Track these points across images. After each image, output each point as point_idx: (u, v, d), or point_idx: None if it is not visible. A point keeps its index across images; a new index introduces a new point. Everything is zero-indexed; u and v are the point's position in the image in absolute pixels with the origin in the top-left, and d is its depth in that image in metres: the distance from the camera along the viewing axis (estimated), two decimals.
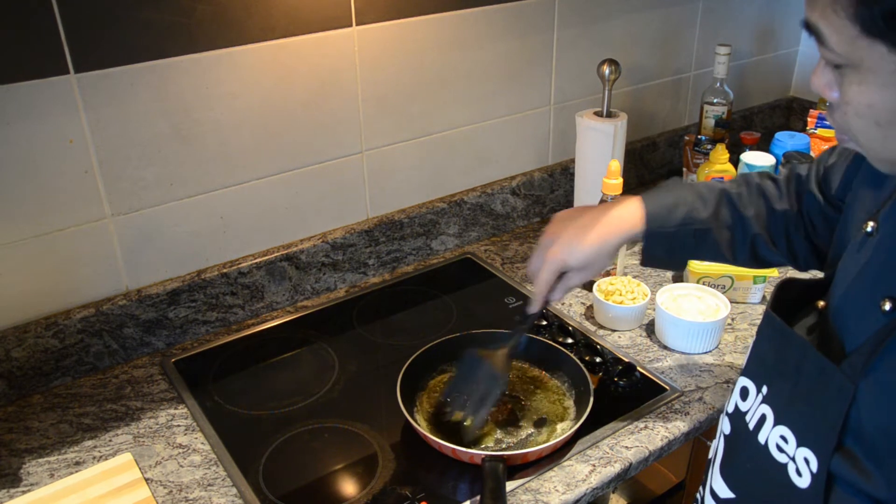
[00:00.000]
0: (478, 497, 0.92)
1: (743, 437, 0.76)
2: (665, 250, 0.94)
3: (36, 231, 1.08)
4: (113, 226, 1.14)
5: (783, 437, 0.70)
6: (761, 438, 0.72)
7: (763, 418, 0.73)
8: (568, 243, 0.93)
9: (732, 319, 1.27)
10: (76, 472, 0.99)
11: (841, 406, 0.64)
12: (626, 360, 1.17)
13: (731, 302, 1.25)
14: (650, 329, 1.26)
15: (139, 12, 1.04)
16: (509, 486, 0.95)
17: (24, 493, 0.96)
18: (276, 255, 1.30)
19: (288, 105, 1.22)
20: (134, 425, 1.08)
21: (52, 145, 1.05)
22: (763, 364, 0.76)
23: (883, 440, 0.63)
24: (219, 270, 1.25)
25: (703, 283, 1.29)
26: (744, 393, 0.77)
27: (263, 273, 1.29)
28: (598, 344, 1.21)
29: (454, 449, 0.96)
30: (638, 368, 1.15)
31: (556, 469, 0.98)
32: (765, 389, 0.74)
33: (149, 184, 1.15)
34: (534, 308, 0.99)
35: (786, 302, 0.76)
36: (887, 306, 0.64)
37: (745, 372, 0.78)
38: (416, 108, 1.37)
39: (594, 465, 0.99)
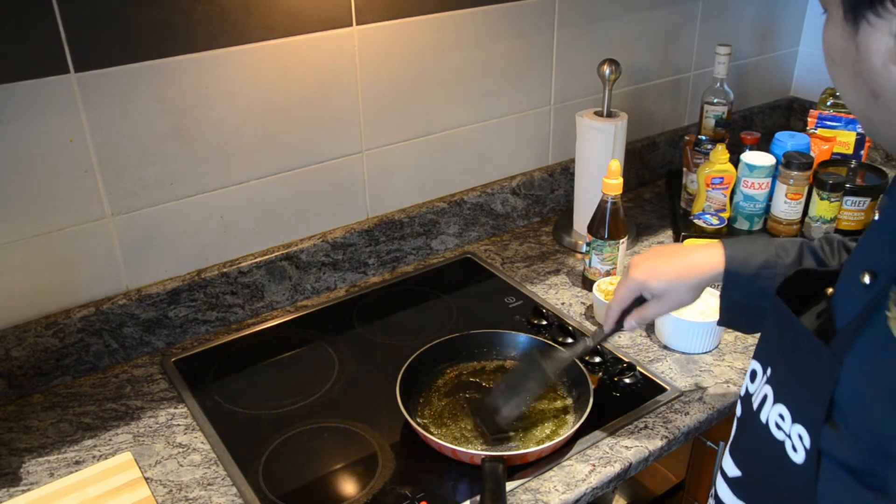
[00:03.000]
0: (478, 497, 0.92)
1: (749, 418, 0.78)
2: (743, 295, 0.94)
3: (36, 231, 1.08)
4: (113, 225, 1.14)
5: (780, 416, 0.72)
6: (763, 417, 0.75)
7: (765, 398, 0.75)
8: (651, 267, 0.97)
9: None
10: (76, 471, 0.99)
11: (829, 384, 0.66)
12: (626, 360, 1.17)
13: None
14: (650, 329, 1.26)
15: (139, 12, 1.04)
16: (509, 486, 0.95)
17: (23, 492, 0.96)
18: (276, 254, 1.30)
19: (288, 105, 1.22)
20: (134, 424, 1.08)
21: (52, 145, 1.05)
22: (768, 346, 0.78)
23: (860, 415, 0.64)
24: (219, 270, 1.25)
25: None
26: (752, 375, 0.79)
27: (263, 273, 1.29)
28: (598, 344, 1.21)
29: (454, 449, 0.96)
30: (638, 368, 1.15)
31: (555, 469, 0.98)
32: (769, 371, 0.76)
33: (149, 183, 1.15)
34: (606, 327, 1.02)
35: (801, 290, 0.78)
36: (866, 279, 0.66)
37: (754, 355, 0.81)
38: (416, 108, 1.37)
39: (594, 465, 0.99)
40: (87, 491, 0.95)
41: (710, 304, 1.23)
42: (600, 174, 1.31)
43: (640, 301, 1.00)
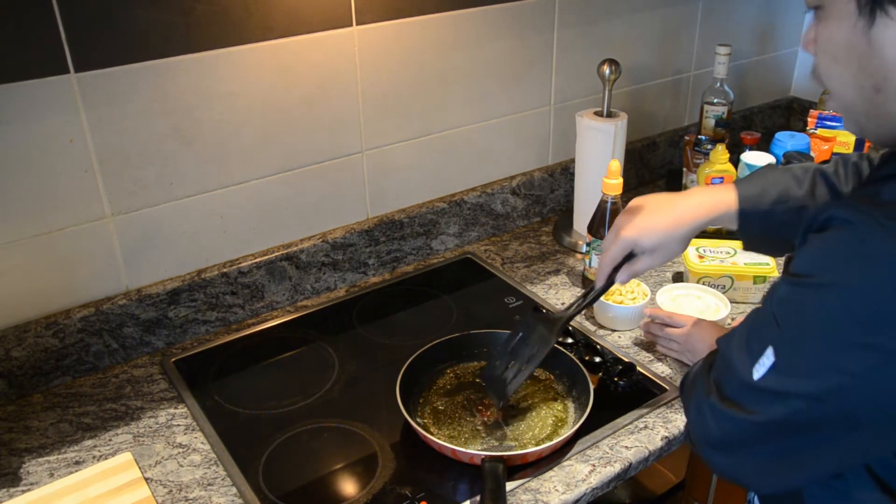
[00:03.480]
0: (478, 497, 0.92)
1: None
2: (761, 230, 0.97)
3: (36, 231, 1.08)
4: (113, 225, 1.14)
5: None
6: None
7: None
8: (640, 224, 0.97)
9: (732, 319, 1.27)
10: (76, 471, 0.99)
11: None
12: (626, 360, 1.17)
13: (730, 302, 1.24)
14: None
15: (139, 12, 1.04)
16: (509, 486, 0.95)
17: (23, 492, 0.96)
18: (276, 254, 1.30)
19: (288, 105, 1.22)
20: (134, 425, 1.08)
21: (52, 145, 1.05)
22: None
23: None
24: (219, 270, 1.25)
25: (703, 284, 1.29)
26: None
27: (263, 273, 1.29)
28: (598, 344, 1.21)
29: (454, 449, 0.96)
30: (638, 368, 1.15)
31: (556, 469, 0.98)
32: None
33: (149, 183, 1.15)
34: (597, 284, 1.03)
35: None
36: None
37: None
38: (416, 108, 1.37)
39: (594, 465, 0.99)
40: (87, 491, 0.95)
41: (709, 303, 1.23)
42: (600, 174, 1.31)
43: (629, 256, 1.00)
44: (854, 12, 0.65)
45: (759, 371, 0.69)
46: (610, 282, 1.02)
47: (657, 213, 0.97)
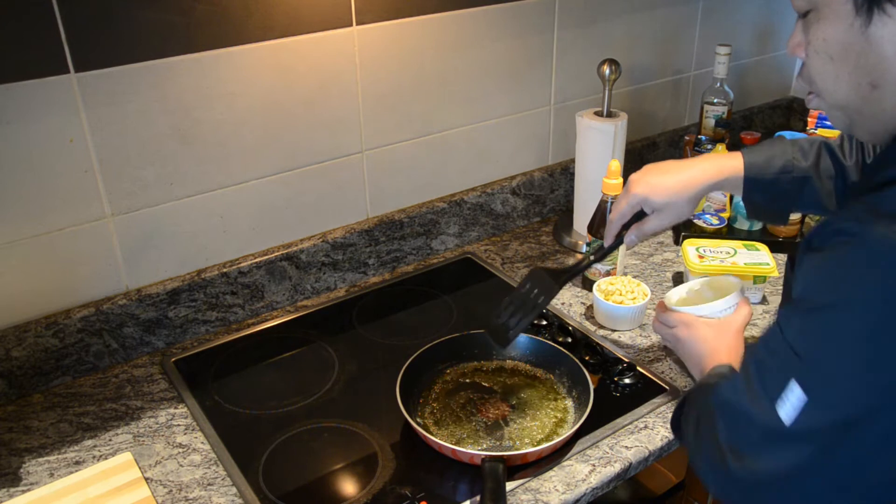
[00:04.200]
0: (478, 497, 0.92)
1: None
2: (765, 198, 1.00)
3: (36, 231, 1.08)
4: (113, 225, 1.14)
5: None
6: None
7: None
8: (651, 181, 1.00)
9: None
10: (76, 471, 0.99)
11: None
12: (626, 360, 1.17)
13: None
14: (650, 329, 1.25)
15: (139, 12, 1.04)
16: (509, 486, 0.95)
17: (23, 492, 0.96)
18: (276, 254, 1.30)
19: (288, 104, 1.22)
20: (134, 425, 1.08)
21: (51, 145, 1.05)
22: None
23: None
24: (219, 270, 1.25)
25: None
26: None
27: (263, 273, 1.29)
28: (598, 344, 1.21)
29: (454, 449, 0.96)
30: (638, 368, 1.15)
31: (556, 469, 0.98)
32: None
33: (149, 183, 1.15)
34: (606, 241, 1.06)
35: None
36: None
37: None
38: (416, 108, 1.37)
39: (594, 465, 0.99)
40: (87, 491, 0.95)
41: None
42: (600, 174, 1.31)
43: (639, 216, 1.02)
44: (851, 12, 0.66)
45: (786, 411, 0.66)
46: (619, 241, 1.05)
47: (668, 174, 1.01)
